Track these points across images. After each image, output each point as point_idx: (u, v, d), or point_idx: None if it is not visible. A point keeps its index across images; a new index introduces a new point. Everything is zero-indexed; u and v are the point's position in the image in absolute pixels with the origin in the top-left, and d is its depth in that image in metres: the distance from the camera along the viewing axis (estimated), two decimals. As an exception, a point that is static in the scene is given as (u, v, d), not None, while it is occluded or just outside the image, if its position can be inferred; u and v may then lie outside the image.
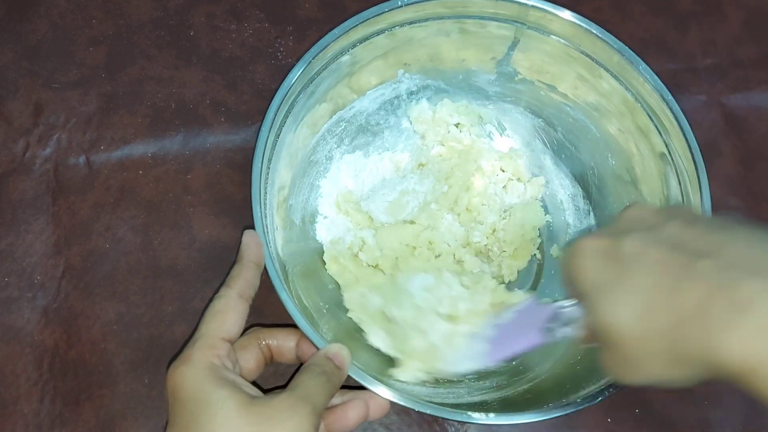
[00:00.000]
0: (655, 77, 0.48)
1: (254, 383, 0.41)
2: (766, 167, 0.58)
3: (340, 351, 0.41)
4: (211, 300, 0.42)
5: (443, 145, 0.55)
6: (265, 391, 0.42)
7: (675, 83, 0.53)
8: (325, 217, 0.53)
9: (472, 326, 0.44)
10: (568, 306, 0.39)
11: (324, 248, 0.51)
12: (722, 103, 0.59)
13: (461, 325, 0.44)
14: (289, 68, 0.47)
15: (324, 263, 0.51)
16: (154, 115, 0.55)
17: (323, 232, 0.52)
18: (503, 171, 0.55)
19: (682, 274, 0.31)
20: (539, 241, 0.54)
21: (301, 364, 0.43)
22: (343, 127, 0.54)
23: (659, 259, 0.32)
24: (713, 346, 0.29)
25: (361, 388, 0.42)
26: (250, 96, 0.56)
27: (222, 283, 0.43)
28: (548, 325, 0.40)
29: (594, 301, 0.34)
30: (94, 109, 0.55)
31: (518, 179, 0.55)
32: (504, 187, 0.55)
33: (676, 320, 0.31)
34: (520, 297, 0.45)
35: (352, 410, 0.42)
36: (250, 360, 0.43)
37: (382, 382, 0.41)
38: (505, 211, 0.54)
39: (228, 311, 0.41)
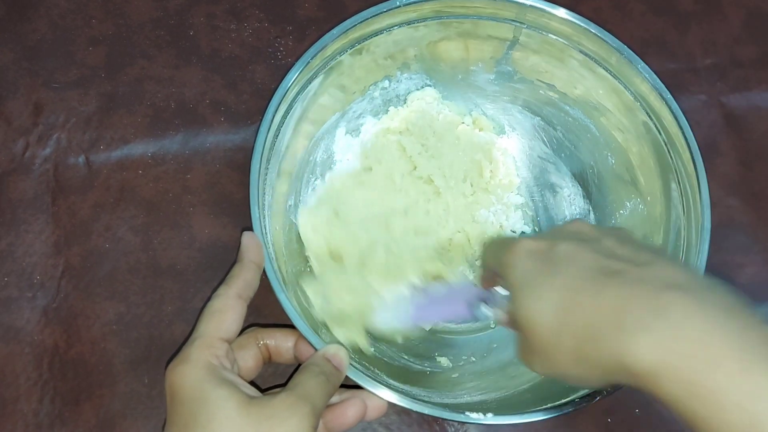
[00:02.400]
0: (654, 76, 0.48)
1: (252, 383, 0.41)
2: (766, 167, 0.58)
3: (338, 352, 0.41)
4: (209, 299, 0.42)
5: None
6: (263, 391, 0.42)
7: (675, 83, 0.53)
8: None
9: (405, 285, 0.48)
10: (499, 292, 0.42)
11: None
12: (722, 103, 0.59)
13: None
14: (289, 68, 0.47)
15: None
16: (153, 114, 0.55)
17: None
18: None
19: (608, 279, 0.33)
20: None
21: (300, 365, 0.43)
22: (343, 126, 0.54)
23: (590, 263, 0.34)
24: (622, 348, 0.31)
25: (360, 387, 0.42)
26: (249, 96, 0.56)
27: (220, 283, 0.43)
28: (475, 302, 0.43)
29: (519, 294, 0.36)
30: (93, 109, 0.55)
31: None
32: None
33: (591, 320, 0.32)
34: (457, 278, 0.48)
35: (351, 409, 0.42)
36: (249, 360, 0.43)
37: (381, 382, 0.41)
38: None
39: (226, 311, 0.41)
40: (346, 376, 0.41)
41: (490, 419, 0.41)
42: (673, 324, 0.30)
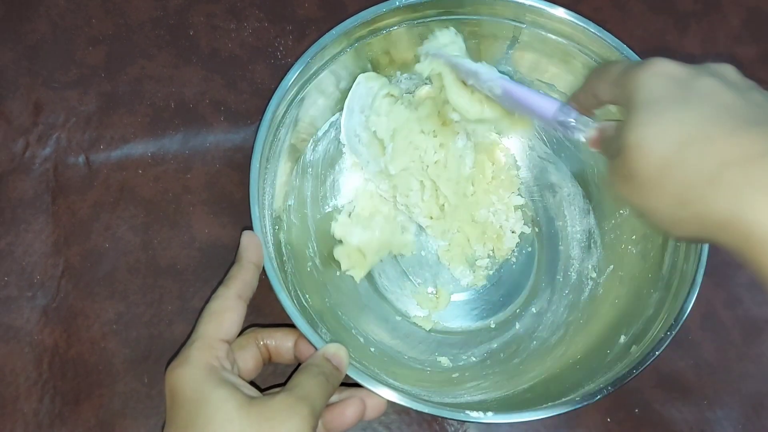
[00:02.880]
0: None
1: (252, 383, 0.41)
2: (766, 167, 0.58)
3: (338, 351, 0.41)
4: (208, 300, 0.42)
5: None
6: (263, 390, 0.42)
7: (675, 83, 0.52)
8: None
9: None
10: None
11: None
12: (722, 103, 0.59)
13: None
14: (289, 67, 0.47)
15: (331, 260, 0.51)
16: (153, 114, 0.55)
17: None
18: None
19: (749, 125, 0.29)
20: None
21: (300, 364, 0.43)
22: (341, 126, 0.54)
23: (732, 104, 0.31)
24: (747, 200, 0.27)
25: (359, 385, 0.42)
26: (249, 95, 0.56)
27: (220, 283, 0.43)
28: (565, 108, 0.39)
29: (638, 113, 0.32)
30: (93, 109, 0.55)
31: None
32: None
33: (716, 161, 0.29)
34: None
35: (350, 408, 0.42)
36: (249, 360, 0.43)
37: (381, 381, 0.42)
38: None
39: (226, 312, 0.41)
40: (347, 375, 0.41)
41: (490, 418, 0.41)
42: None
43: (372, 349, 0.49)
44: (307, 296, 0.48)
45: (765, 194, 0.27)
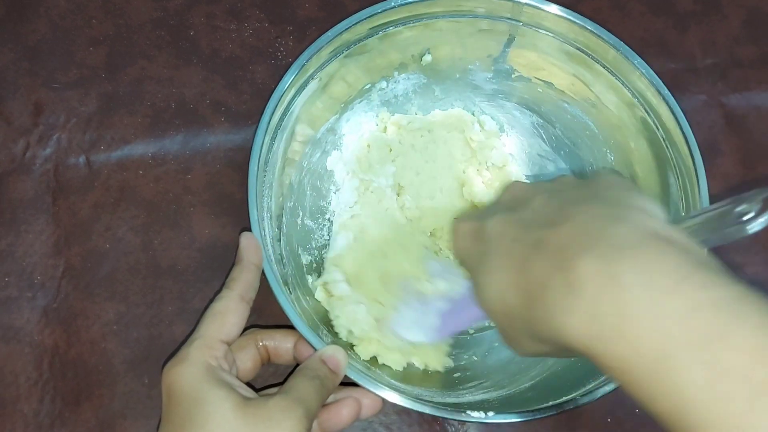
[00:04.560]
0: (651, 72, 0.48)
1: (249, 383, 0.42)
2: (766, 167, 0.58)
3: (335, 354, 0.41)
4: (211, 301, 0.42)
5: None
6: (259, 389, 0.42)
7: (675, 83, 0.53)
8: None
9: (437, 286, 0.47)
10: None
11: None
12: (722, 103, 0.59)
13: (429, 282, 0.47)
14: (289, 68, 0.47)
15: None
16: (154, 115, 0.55)
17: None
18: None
19: (532, 252, 0.31)
20: None
21: (298, 365, 0.43)
22: (340, 128, 0.54)
23: (513, 238, 0.33)
24: (556, 327, 0.29)
25: (355, 384, 0.42)
26: (250, 96, 0.56)
27: (223, 285, 0.43)
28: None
29: (473, 282, 0.36)
30: (94, 109, 0.55)
31: None
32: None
33: (525, 300, 0.31)
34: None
35: (345, 409, 0.42)
36: (247, 360, 0.43)
37: (382, 382, 0.41)
38: None
39: (228, 313, 0.41)
40: (347, 375, 0.41)
41: (492, 418, 0.41)
42: (589, 300, 0.28)
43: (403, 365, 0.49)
44: (307, 298, 0.48)
45: (560, 318, 0.29)
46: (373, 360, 0.47)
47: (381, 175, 0.53)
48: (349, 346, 0.47)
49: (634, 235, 0.29)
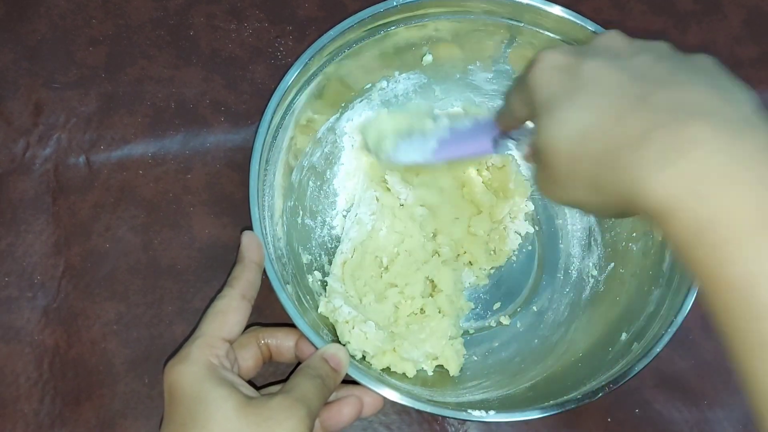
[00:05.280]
0: None
1: (250, 382, 0.41)
2: (766, 167, 0.57)
3: (337, 352, 0.41)
4: (213, 300, 0.42)
5: None
6: (259, 387, 0.42)
7: (675, 83, 0.52)
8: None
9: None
10: (523, 127, 0.40)
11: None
12: (722, 103, 0.59)
13: None
14: (289, 68, 0.47)
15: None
16: (154, 115, 0.55)
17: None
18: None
19: (634, 103, 0.30)
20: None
21: (299, 363, 0.43)
22: (340, 127, 0.54)
23: (617, 84, 0.31)
24: (643, 179, 0.28)
25: (356, 382, 0.42)
26: (249, 96, 0.56)
27: (224, 284, 0.43)
28: (498, 138, 0.41)
29: (541, 115, 0.33)
30: (94, 109, 0.55)
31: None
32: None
33: (611, 146, 0.30)
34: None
35: (347, 407, 0.42)
36: (249, 359, 0.43)
37: (382, 381, 0.41)
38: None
39: (230, 311, 0.41)
40: (348, 374, 0.41)
41: (492, 417, 0.41)
42: (696, 161, 0.27)
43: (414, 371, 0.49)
44: (308, 297, 0.48)
45: (652, 171, 0.28)
46: (386, 369, 0.47)
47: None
48: (362, 358, 0.47)
49: (751, 117, 0.29)
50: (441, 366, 0.49)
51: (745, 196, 0.27)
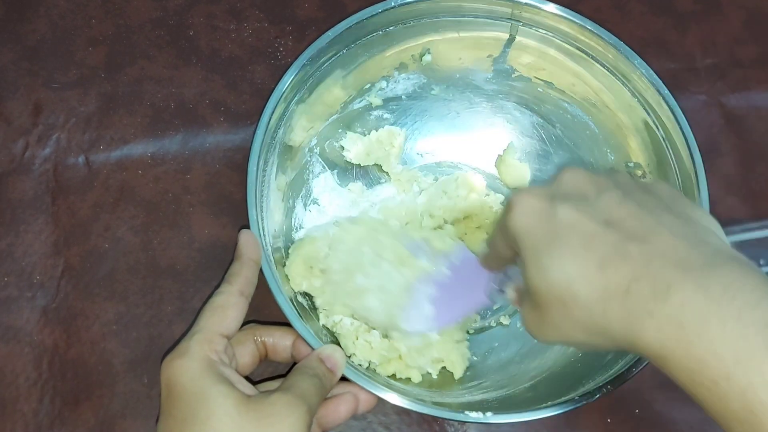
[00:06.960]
0: (651, 71, 0.48)
1: (247, 378, 0.41)
2: (766, 167, 0.57)
3: (333, 353, 0.42)
4: (210, 296, 0.42)
5: None
6: (255, 383, 0.42)
7: (675, 83, 0.52)
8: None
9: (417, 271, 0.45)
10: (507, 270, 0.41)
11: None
12: (722, 103, 0.59)
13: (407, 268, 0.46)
14: (289, 68, 0.47)
15: None
16: (153, 115, 0.55)
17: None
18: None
19: (612, 252, 0.32)
20: None
21: (295, 363, 0.43)
22: (340, 127, 0.54)
23: (592, 233, 0.33)
24: (633, 329, 0.31)
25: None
26: (249, 96, 0.56)
27: (222, 280, 0.43)
28: (493, 286, 0.42)
29: (530, 262, 0.35)
30: (93, 109, 0.55)
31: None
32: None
33: (598, 297, 0.32)
34: (449, 245, 0.47)
35: (343, 405, 0.42)
36: (245, 355, 0.43)
37: (381, 383, 0.41)
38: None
39: (228, 307, 0.41)
40: (346, 376, 0.41)
41: (490, 418, 0.41)
42: (674, 306, 0.30)
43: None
44: (306, 297, 0.48)
45: (641, 321, 0.30)
46: (392, 376, 0.47)
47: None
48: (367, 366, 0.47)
49: (717, 255, 0.31)
50: (445, 368, 0.49)
51: (726, 333, 0.28)
